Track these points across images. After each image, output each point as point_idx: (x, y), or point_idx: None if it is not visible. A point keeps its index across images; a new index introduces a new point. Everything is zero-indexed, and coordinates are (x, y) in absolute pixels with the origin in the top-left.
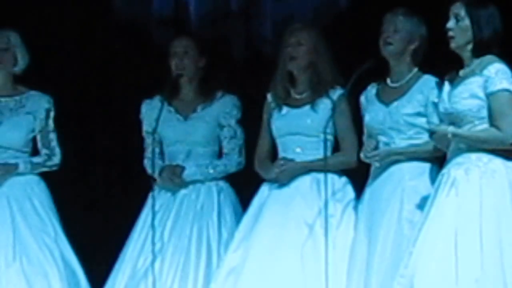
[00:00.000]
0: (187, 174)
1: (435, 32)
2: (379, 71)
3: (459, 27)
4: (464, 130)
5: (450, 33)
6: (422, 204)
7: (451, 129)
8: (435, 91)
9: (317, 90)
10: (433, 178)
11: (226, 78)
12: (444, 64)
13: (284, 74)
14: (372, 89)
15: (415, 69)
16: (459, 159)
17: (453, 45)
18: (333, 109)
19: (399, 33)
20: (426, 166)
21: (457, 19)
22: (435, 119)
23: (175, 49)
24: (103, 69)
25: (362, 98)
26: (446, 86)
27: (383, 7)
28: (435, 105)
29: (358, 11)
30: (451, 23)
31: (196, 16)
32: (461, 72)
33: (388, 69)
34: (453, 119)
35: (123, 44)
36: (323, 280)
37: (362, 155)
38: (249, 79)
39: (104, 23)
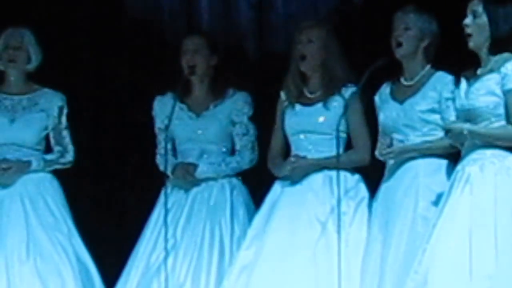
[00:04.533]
0: (200, 171)
1: (450, 30)
2: (392, 70)
3: (476, 24)
4: (480, 127)
5: (468, 30)
6: (436, 201)
7: (467, 126)
8: (449, 88)
9: (329, 88)
10: (448, 174)
11: (238, 75)
12: (459, 62)
13: (296, 73)
14: (386, 88)
15: (428, 66)
16: (474, 155)
17: (471, 44)
18: (346, 107)
19: (410, 31)
20: (441, 162)
21: (475, 15)
22: (449, 116)
23: (186, 47)
24: (115, 66)
25: (376, 98)
26: (463, 83)
27: (395, 5)
28: (452, 101)
29: (369, 9)
30: (468, 20)
31: (208, 13)
32: (479, 70)
33: (402, 68)
34: (470, 116)
35: (136, 41)
36: (336, 277)
37: (377, 152)
38: (261, 76)
39: (116, 20)
